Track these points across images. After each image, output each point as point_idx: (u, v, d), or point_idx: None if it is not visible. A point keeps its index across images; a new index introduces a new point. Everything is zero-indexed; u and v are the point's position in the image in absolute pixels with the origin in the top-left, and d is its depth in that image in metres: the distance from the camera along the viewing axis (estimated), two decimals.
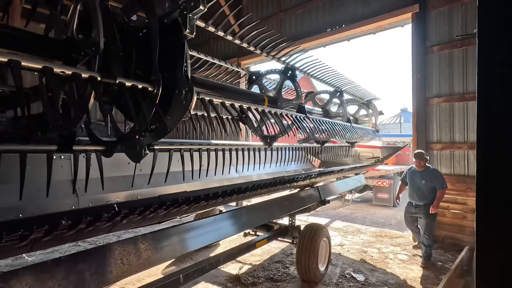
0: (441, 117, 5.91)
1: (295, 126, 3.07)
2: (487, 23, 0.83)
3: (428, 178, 4.87)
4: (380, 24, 6.92)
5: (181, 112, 1.51)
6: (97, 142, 1.46)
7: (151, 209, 1.61)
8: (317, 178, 3.82)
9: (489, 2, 0.83)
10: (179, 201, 1.77)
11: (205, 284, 4.08)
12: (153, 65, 1.41)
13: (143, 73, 1.50)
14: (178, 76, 1.48)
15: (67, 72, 1.16)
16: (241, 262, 4.84)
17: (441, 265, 4.85)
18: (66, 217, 1.25)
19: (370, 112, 6.39)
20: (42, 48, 1.38)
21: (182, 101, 1.50)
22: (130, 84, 1.35)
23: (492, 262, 0.82)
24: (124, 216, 1.55)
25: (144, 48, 1.48)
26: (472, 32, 5.48)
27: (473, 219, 3.58)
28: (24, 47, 1.31)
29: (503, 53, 0.80)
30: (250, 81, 3.89)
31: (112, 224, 1.58)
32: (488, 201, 0.83)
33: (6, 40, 1.27)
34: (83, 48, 1.37)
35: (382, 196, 9.70)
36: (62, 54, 1.40)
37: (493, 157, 0.82)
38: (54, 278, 1.50)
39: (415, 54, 6.14)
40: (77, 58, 1.39)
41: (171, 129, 1.51)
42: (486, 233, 0.83)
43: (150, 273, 4.07)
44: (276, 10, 8.85)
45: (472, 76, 5.60)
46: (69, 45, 1.42)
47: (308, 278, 4.03)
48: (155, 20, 1.41)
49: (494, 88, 0.82)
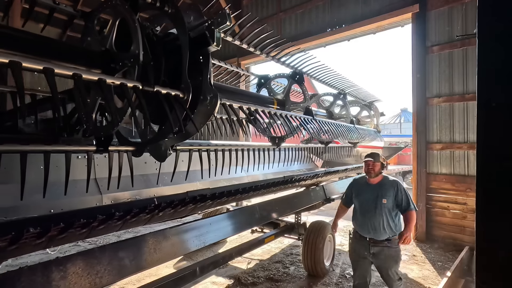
0: (441, 117, 5.91)
1: (302, 127, 3.26)
2: (487, 23, 0.83)
3: (387, 195, 3.01)
4: (380, 24, 6.91)
5: (206, 116, 1.67)
6: (127, 143, 1.60)
7: (184, 203, 1.89)
8: (323, 177, 4.16)
9: (489, 2, 0.83)
10: (207, 197, 2.07)
11: (205, 284, 4.08)
12: (182, 74, 1.55)
13: (169, 80, 1.63)
14: (203, 84, 1.62)
15: (116, 82, 1.32)
16: (241, 262, 4.84)
17: (441, 265, 4.85)
18: (117, 210, 1.49)
19: (371, 114, 6.59)
20: (83, 59, 1.52)
21: (207, 106, 1.65)
22: (165, 91, 1.50)
23: (492, 262, 0.82)
24: (162, 209, 1.79)
25: (170, 58, 1.62)
26: (472, 32, 5.48)
27: (473, 219, 3.58)
28: (64, 57, 1.42)
29: (503, 53, 0.80)
30: (259, 84, 4.16)
31: (150, 217, 1.82)
32: (488, 201, 0.83)
33: (49, 51, 1.40)
34: (121, 59, 1.53)
35: None
36: (101, 64, 1.55)
37: (493, 157, 0.82)
38: (101, 263, 1.73)
39: (415, 54, 6.14)
40: (115, 68, 1.54)
41: (195, 132, 1.66)
42: (486, 233, 0.83)
43: (150, 273, 4.07)
44: (276, 10, 8.85)
45: (472, 76, 5.60)
46: (107, 56, 1.56)
47: (314, 272, 4.23)
48: (185, 34, 1.56)
49: (494, 88, 0.82)
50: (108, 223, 1.56)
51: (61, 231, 1.36)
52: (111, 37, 1.57)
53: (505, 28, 0.80)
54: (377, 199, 3.03)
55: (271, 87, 4.14)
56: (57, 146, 1.39)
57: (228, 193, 2.27)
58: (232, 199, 2.50)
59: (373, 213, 3.01)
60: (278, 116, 2.75)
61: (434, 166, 6.00)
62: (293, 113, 3.14)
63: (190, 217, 2.83)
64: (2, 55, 1.03)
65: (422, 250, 5.53)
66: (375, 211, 3.01)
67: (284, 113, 2.83)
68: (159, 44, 1.67)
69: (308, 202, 4.18)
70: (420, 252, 5.44)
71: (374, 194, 3.05)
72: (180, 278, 2.62)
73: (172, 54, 1.63)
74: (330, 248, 4.58)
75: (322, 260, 4.20)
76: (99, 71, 1.52)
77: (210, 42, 1.62)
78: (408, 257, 5.24)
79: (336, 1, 7.58)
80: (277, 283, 4.13)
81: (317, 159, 5.58)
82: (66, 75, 1.17)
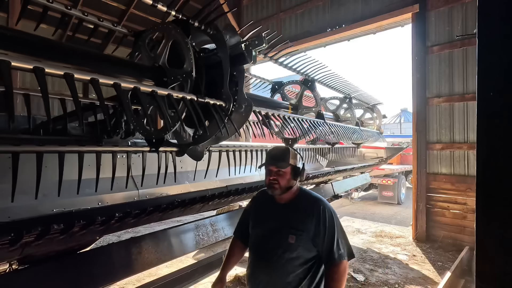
0: (441, 117, 5.91)
1: (314, 130, 3.55)
2: (487, 23, 0.83)
3: (299, 227, 1.64)
4: (380, 24, 6.91)
5: (240, 123, 1.93)
6: (172, 144, 1.81)
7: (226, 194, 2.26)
8: (333, 175, 4.55)
9: (489, 2, 0.83)
10: (245, 189, 2.42)
11: (205, 284, 4.08)
12: (224, 86, 1.84)
13: (207, 91, 1.86)
14: (239, 94, 1.88)
15: (175, 95, 1.56)
16: (241, 262, 4.83)
17: (441, 265, 4.85)
18: (165, 203, 1.81)
19: (374, 116, 6.94)
20: (137, 72, 1.78)
21: (242, 114, 1.90)
22: (212, 102, 1.76)
23: (492, 262, 0.82)
24: (209, 199, 2.15)
25: (209, 71, 1.88)
26: (472, 32, 5.48)
27: (473, 219, 3.58)
28: (125, 72, 1.70)
29: (503, 53, 0.80)
30: (273, 90, 4.60)
31: (184, 209, 2.09)
32: (488, 201, 0.83)
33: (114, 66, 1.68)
34: (173, 74, 1.79)
35: (387, 194, 10.30)
36: (155, 77, 1.80)
37: (493, 157, 0.82)
38: (164, 244, 2.15)
39: (415, 54, 6.14)
40: (166, 81, 1.79)
41: (230, 136, 1.92)
42: (486, 233, 0.83)
43: (150, 273, 4.07)
44: (276, 10, 8.84)
45: (472, 76, 5.60)
46: (161, 71, 1.82)
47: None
48: (226, 53, 1.83)
49: (494, 88, 0.81)
50: (151, 215, 1.85)
51: (118, 220, 1.62)
52: (163, 55, 1.83)
53: (505, 28, 0.80)
54: (280, 233, 1.66)
55: (284, 93, 4.53)
56: (118, 147, 1.67)
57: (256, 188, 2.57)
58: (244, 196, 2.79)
59: (272, 262, 1.65)
60: (297, 121, 3.13)
61: (434, 166, 6.00)
62: (307, 117, 3.46)
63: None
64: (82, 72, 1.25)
65: (422, 250, 5.54)
66: (275, 257, 1.64)
67: (300, 118, 3.22)
68: (200, 60, 1.91)
69: None
70: (420, 252, 5.44)
71: (278, 224, 1.70)
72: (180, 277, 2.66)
73: (211, 68, 1.88)
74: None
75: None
76: (152, 83, 1.76)
77: (248, 61, 1.88)
78: (408, 257, 5.24)
79: (336, 1, 7.58)
80: None
81: (322, 159, 5.69)
82: (128, 87, 1.40)
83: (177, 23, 1.80)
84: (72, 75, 1.17)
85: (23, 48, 1.31)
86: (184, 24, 1.78)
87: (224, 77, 1.82)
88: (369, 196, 11.70)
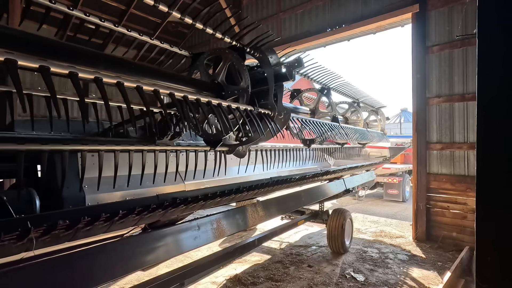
0: (441, 117, 5.91)
1: (330, 131, 4.02)
2: (487, 23, 0.83)
3: None
4: (380, 24, 6.92)
5: (281, 127, 2.36)
6: (224, 144, 2.13)
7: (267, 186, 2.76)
8: (343, 172, 5.23)
9: (489, 2, 0.83)
10: (277, 181, 2.92)
11: (205, 284, 4.08)
12: (269, 99, 2.28)
13: (252, 101, 2.24)
14: (278, 104, 2.33)
15: (233, 106, 1.94)
16: (241, 262, 4.84)
17: (441, 265, 4.85)
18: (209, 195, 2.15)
19: (378, 118, 7.41)
20: (204, 88, 2.16)
21: (281, 120, 2.35)
22: (263, 111, 2.18)
23: (492, 262, 0.82)
24: (257, 188, 2.61)
25: (255, 85, 2.27)
26: (472, 32, 5.49)
27: (473, 219, 3.58)
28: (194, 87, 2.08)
29: (503, 53, 0.80)
30: (292, 96, 5.14)
31: (219, 201, 2.39)
32: (488, 201, 0.83)
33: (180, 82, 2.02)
34: (231, 90, 2.21)
35: (392, 192, 10.78)
36: (214, 91, 2.20)
37: (493, 157, 0.82)
38: (221, 223, 2.67)
39: (415, 54, 6.14)
40: (224, 95, 2.20)
41: (269, 139, 2.33)
42: (486, 232, 0.83)
43: (150, 273, 4.07)
44: (276, 10, 8.85)
45: (472, 76, 5.60)
46: (220, 87, 2.24)
47: (338, 250, 5.25)
48: (271, 72, 2.29)
49: (494, 88, 0.82)
50: (197, 203, 2.16)
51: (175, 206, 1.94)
52: (222, 74, 2.26)
53: (505, 28, 0.80)
54: None
55: (302, 99, 5.14)
56: (180, 147, 2.05)
57: (285, 180, 3.08)
58: (280, 187, 3.26)
59: None
60: (316, 124, 3.62)
61: (434, 166, 6.00)
62: (325, 121, 4.04)
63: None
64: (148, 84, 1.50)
65: (422, 250, 5.54)
66: None
67: (319, 121, 3.76)
68: (250, 76, 2.29)
69: (333, 192, 5.08)
70: (420, 252, 5.44)
71: None
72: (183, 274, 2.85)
73: (256, 82, 2.28)
74: (349, 230, 5.55)
75: (344, 239, 5.19)
76: (213, 96, 2.09)
77: (289, 78, 2.31)
78: (408, 257, 5.24)
79: (336, 1, 7.58)
80: (277, 283, 4.13)
81: (329, 158, 5.80)
82: (204, 100, 1.72)
83: (234, 49, 2.27)
84: (141, 87, 1.43)
85: (58, 55, 1.34)
86: (240, 50, 2.26)
87: (269, 91, 2.26)
88: (373, 195, 12.05)
